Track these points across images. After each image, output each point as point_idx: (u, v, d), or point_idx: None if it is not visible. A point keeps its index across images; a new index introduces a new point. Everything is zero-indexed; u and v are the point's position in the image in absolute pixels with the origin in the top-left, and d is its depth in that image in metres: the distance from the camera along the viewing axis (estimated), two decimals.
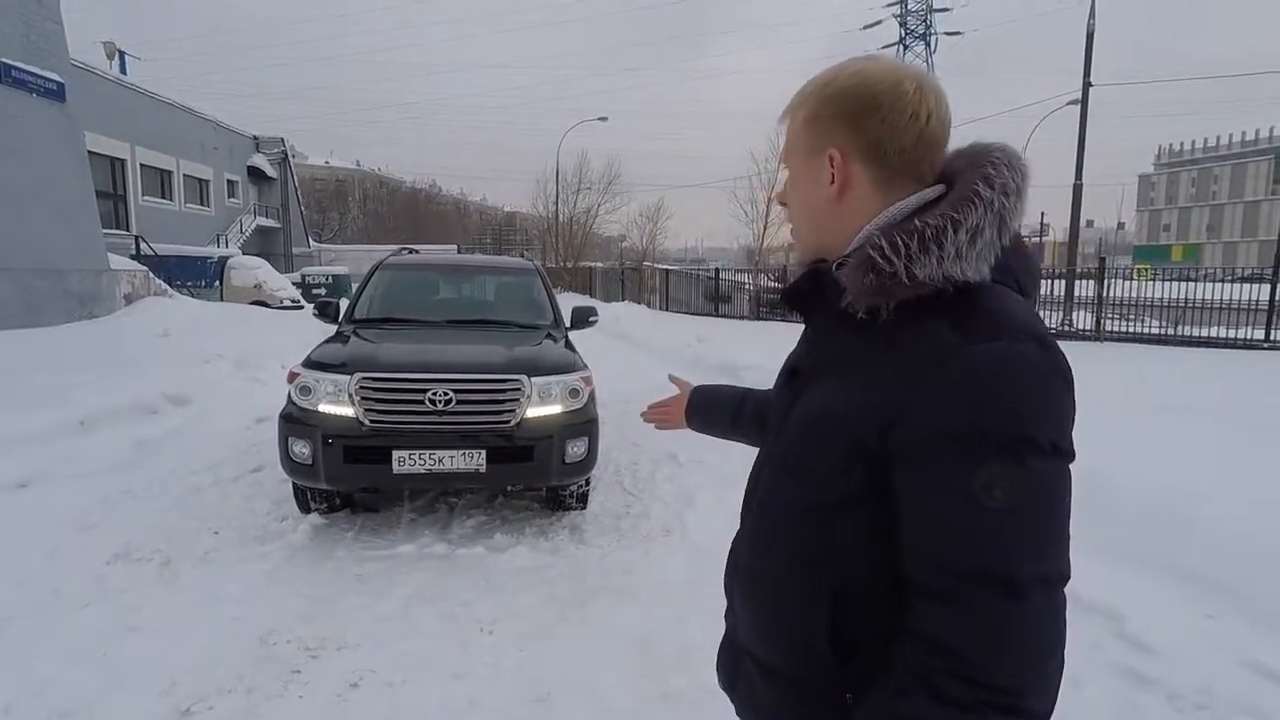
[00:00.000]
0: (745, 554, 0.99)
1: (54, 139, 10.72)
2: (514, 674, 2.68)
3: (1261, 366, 9.23)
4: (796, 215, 0.96)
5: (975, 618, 0.71)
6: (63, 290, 10.61)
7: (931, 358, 0.75)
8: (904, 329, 0.79)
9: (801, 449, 0.88)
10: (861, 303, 0.81)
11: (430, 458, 3.76)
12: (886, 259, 0.78)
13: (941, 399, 0.74)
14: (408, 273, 5.67)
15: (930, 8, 44.52)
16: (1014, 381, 0.73)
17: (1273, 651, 2.64)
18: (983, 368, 0.73)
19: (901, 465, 0.77)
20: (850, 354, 0.85)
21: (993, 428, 0.72)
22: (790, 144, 0.94)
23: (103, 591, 3.23)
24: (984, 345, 0.74)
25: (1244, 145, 68.66)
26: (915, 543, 0.76)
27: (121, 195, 22.54)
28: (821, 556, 0.84)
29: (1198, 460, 4.33)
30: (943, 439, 0.73)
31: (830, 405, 0.85)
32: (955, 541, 0.73)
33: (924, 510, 0.75)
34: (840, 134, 0.86)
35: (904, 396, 0.76)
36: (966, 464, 0.72)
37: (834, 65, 0.91)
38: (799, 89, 0.93)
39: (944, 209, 0.80)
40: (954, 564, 0.73)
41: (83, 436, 5.41)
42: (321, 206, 58.49)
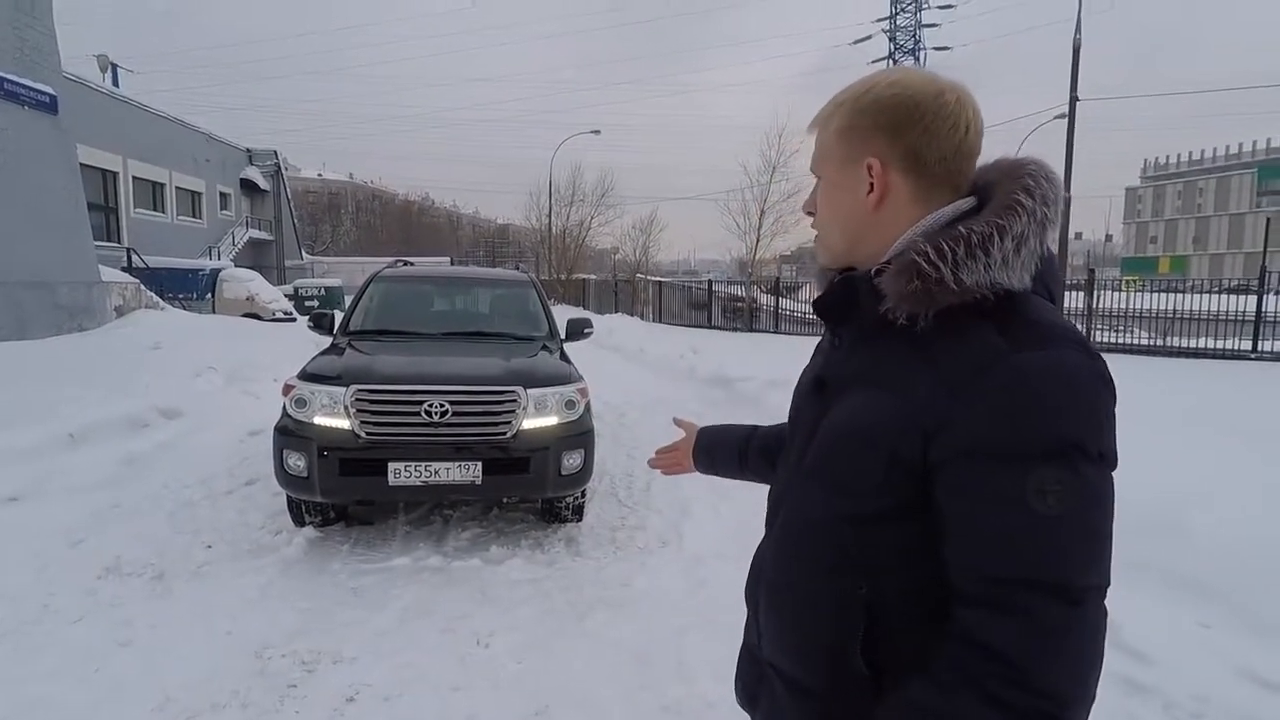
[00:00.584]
0: (772, 566, 0.97)
1: (45, 151, 10.69)
2: (512, 687, 2.66)
3: (1249, 377, 9.32)
4: (828, 224, 0.95)
5: (1030, 625, 0.71)
6: (52, 303, 10.54)
7: (976, 365, 0.75)
8: (944, 336, 0.79)
9: (837, 460, 0.86)
10: (903, 309, 0.80)
11: (426, 470, 3.75)
12: (932, 264, 0.78)
13: (990, 407, 0.73)
14: (403, 285, 5.67)
15: (919, 23, 45.11)
16: (1063, 388, 0.73)
17: (1267, 659, 2.65)
18: (1032, 375, 0.73)
19: (947, 474, 0.76)
20: (886, 363, 0.84)
21: (1044, 434, 0.72)
22: (822, 153, 0.93)
23: (94, 606, 3.20)
24: (1032, 353, 0.74)
25: (1228, 159, 69.62)
26: (964, 551, 0.75)
27: (113, 207, 22.45)
28: (856, 569, 0.83)
29: (1190, 469, 4.36)
30: (992, 447, 0.73)
31: (867, 415, 0.83)
32: (1008, 549, 0.72)
33: (974, 518, 0.74)
34: (879, 143, 0.87)
35: (947, 405, 0.75)
36: (1018, 470, 0.72)
37: (866, 77, 0.91)
38: (830, 99, 0.93)
39: (988, 216, 0.81)
40: (1007, 571, 0.72)
41: (73, 450, 5.37)
42: (314, 219, 58.42)
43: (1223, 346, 11.81)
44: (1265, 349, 11.60)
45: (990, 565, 0.73)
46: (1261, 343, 11.70)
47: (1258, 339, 11.76)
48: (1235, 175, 65.92)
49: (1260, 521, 3.43)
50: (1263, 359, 11.40)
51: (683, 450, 1.45)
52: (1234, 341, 11.89)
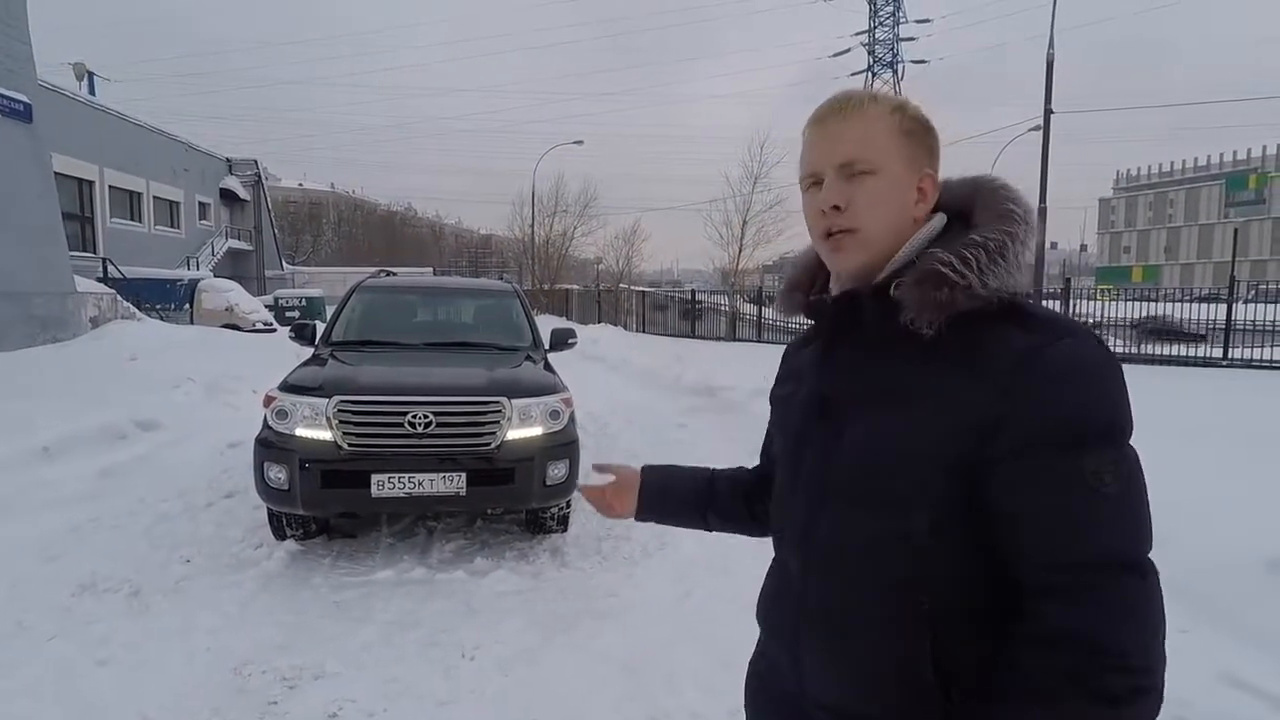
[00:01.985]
0: (819, 601, 0.91)
1: (19, 160, 10.52)
2: (499, 700, 2.64)
3: (1222, 383, 9.52)
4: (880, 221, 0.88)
5: (1111, 604, 0.72)
6: (26, 314, 10.34)
7: (1013, 363, 0.77)
8: (971, 340, 0.80)
9: (882, 479, 0.84)
10: (925, 318, 0.81)
11: (410, 481, 3.71)
12: (958, 272, 0.81)
13: (1036, 399, 0.76)
14: (386, 295, 5.63)
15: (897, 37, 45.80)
16: (1096, 373, 0.78)
17: (1248, 664, 2.70)
18: (1067, 364, 0.77)
19: (1006, 472, 0.77)
20: (909, 375, 0.84)
21: (1091, 418, 0.76)
22: (886, 147, 0.88)
23: (69, 623, 3.12)
24: (1060, 344, 0.78)
25: (1197, 170, 71.32)
26: (1035, 543, 0.76)
27: (89, 217, 22.12)
28: (917, 582, 0.82)
29: (1167, 475, 4.44)
30: (1047, 437, 0.75)
31: (907, 429, 0.82)
32: (1079, 533, 0.74)
33: (1040, 509, 0.76)
34: (929, 160, 0.90)
35: (997, 405, 0.77)
36: (1074, 457, 0.74)
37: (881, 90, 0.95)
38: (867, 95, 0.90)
39: (996, 226, 0.85)
40: (1081, 555, 0.74)
41: (47, 464, 5.26)
42: (295, 229, 57.87)
43: (1195, 354, 12.05)
44: (1236, 356, 11.86)
45: (1064, 552, 0.75)
46: (1232, 350, 11.96)
47: (1228, 346, 12.02)
48: (1204, 186, 67.57)
49: (1238, 526, 3.49)
50: (1234, 365, 11.65)
51: (611, 493, 1.27)
52: (1207, 349, 12.14)
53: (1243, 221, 59.60)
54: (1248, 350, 11.81)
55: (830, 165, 0.88)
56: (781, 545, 1.01)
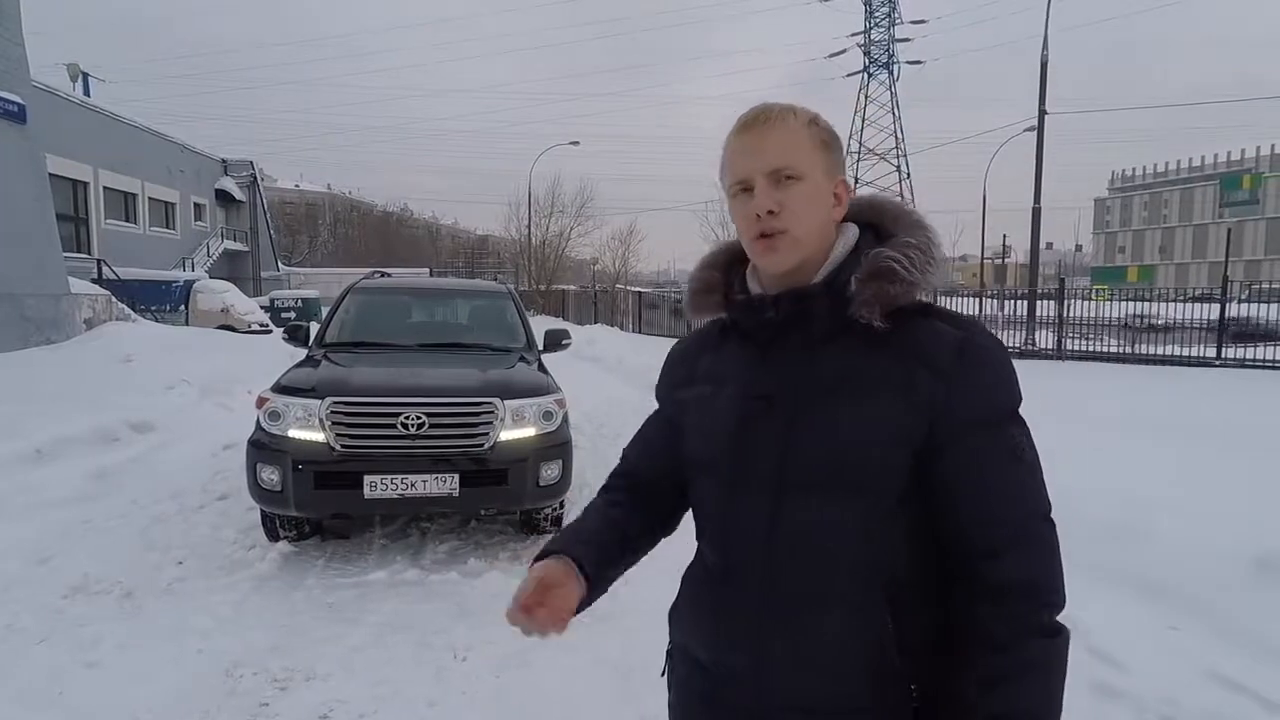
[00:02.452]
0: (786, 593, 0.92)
1: (13, 161, 10.48)
2: (489, 702, 2.64)
3: (1214, 383, 9.55)
4: (809, 223, 0.93)
5: (1044, 548, 0.87)
6: (19, 315, 10.30)
7: (952, 353, 0.87)
8: (908, 335, 0.89)
9: (845, 465, 0.88)
10: (876, 311, 0.89)
11: (402, 482, 3.71)
12: (908, 270, 0.90)
13: (972, 385, 0.87)
14: (379, 296, 5.63)
15: (893, 38, 45.90)
16: (1006, 361, 0.91)
17: (1234, 661, 2.71)
18: (989, 354, 0.90)
19: (952, 450, 0.87)
20: (860, 365, 0.90)
21: (1010, 399, 0.90)
22: (810, 157, 0.94)
23: (60, 626, 3.11)
24: (977, 334, 0.90)
25: (1191, 171, 71.61)
26: (978, 509, 0.87)
27: (84, 218, 22.06)
28: (876, 565, 0.89)
29: (1158, 473, 4.46)
30: (983, 416, 0.88)
31: (866, 416, 0.88)
32: (1018, 494, 0.88)
33: (982, 479, 0.87)
34: (839, 168, 0.98)
35: (943, 391, 0.86)
36: (1003, 432, 0.88)
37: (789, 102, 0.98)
38: (787, 107, 0.96)
39: (916, 235, 0.94)
40: (1022, 511, 0.87)
41: (40, 466, 5.25)
42: (291, 230, 57.80)
43: (1189, 354, 12.10)
44: (1229, 356, 11.91)
45: (1011, 510, 0.87)
46: (1225, 350, 12.02)
47: (1221, 346, 12.07)
48: (1198, 187, 67.80)
49: (1227, 525, 3.51)
50: (1227, 365, 11.70)
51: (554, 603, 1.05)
52: (1200, 349, 12.19)
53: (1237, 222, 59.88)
54: (1242, 350, 11.86)
55: (760, 172, 0.93)
56: (724, 546, 0.98)
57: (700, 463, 1.02)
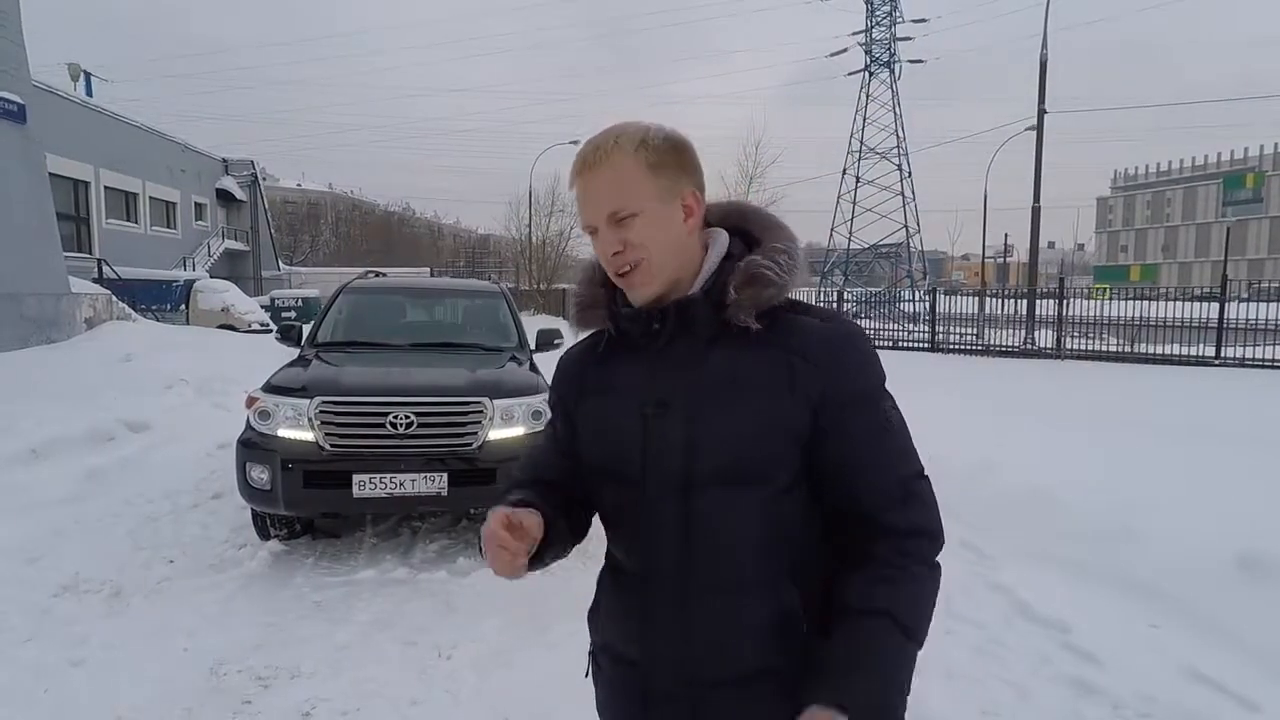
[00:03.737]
0: (704, 583, 0.97)
1: (13, 160, 10.52)
2: (471, 700, 2.65)
3: (1212, 383, 9.54)
4: (661, 251, 0.98)
5: (925, 501, 0.97)
6: (19, 315, 10.33)
7: (821, 342, 0.96)
8: (782, 331, 0.97)
9: (748, 457, 0.95)
10: (751, 314, 0.96)
11: (391, 481, 3.73)
12: (779, 275, 0.97)
13: (842, 369, 0.96)
14: (371, 296, 5.65)
15: (894, 37, 45.77)
16: (866, 342, 1.00)
17: (1212, 659, 2.72)
18: (853, 338, 0.99)
19: (835, 430, 0.95)
20: (745, 363, 0.97)
21: (876, 376, 0.99)
22: (636, 189, 0.97)
23: (47, 625, 3.14)
24: (841, 324, 1.00)
25: (1194, 170, 71.34)
26: (873, 472, 0.96)
27: (84, 218, 22.10)
28: (782, 541, 0.97)
29: (1147, 472, 4.46)
30: (856, 395, 0.97)
31: (757, 409, 0.95)
32: (898, 456, 0.98)
33: (865, 451, 0.96)
34: (687, 178, 1.01)
35: (818, 377, 0.95)
36: (876, 405, 0.98)
37: (625, 126, 1.01)
38: (607, 144, 0.98)
39: (781, 242, 1.01)
40: (905, 470, 0.97)
41: (34, 466, 5.27)
42: (293, 229, 57.87)
43: (1189, 354, 12.07)
44: (1229, 355, 11.89)
45: (896, 470, 0.97)
46: (1224, 349, 11.99)
47: (1220, 345, 12.04)
48: (1201, 185, 67.57)
49: (1211, 524, 3.51)
50: (1226, 365, 11.68)
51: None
52: (1199, 348, 12.16)
53: (1239, 220, 59.66)
54: (1242, 350, 11.83)
55: (599, 219, 0.99)
56: (639, 548, 1.02)
57: (604, 470, 1.05)
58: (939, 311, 15.64)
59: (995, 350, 14.28)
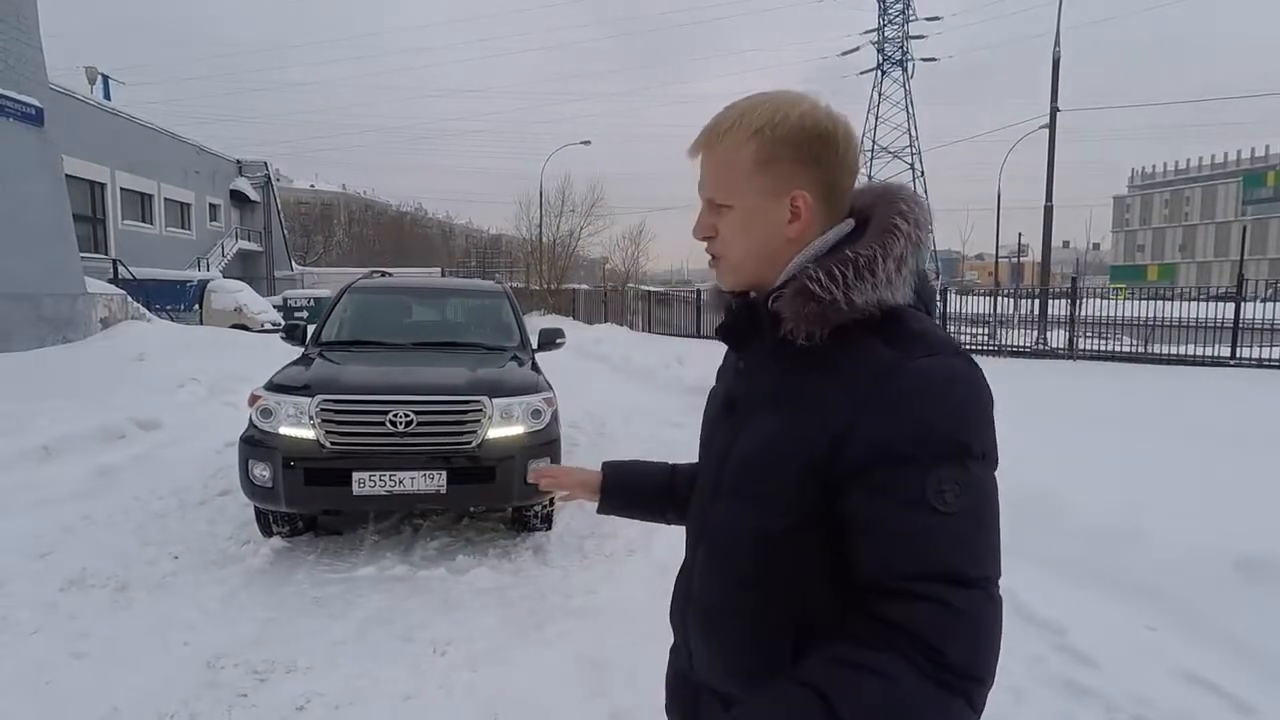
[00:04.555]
0: (701, 589, 0.97)
1: (30, 163, 10.70)
2: (464, 695, 2.67)
3: (1225, 383, 9.41)
4: (741, 250, 0.92)
5: (947, 613, 0.74)
6: (36, 315, 10.51)
7: (872, 376, 0.79)
8: (841, 352, 0.83)
9: (754, 478, 0.88)
10: (801, 330, 0.84)
11: (391, 479, 3.76)
12: (825, 288, 0.83)
13: (888, 414, 0.77)
14: (375, 295, 5.70)
15: (907, 35, 45.51)
16: (951, 393, 0.79)
17: (1208, 662, 2.69)
18: (923, 382, 0.78)
19: (854, 480, 0.79)
20: (792, 382, 0.87)
21: (937, 437, 0.77)
22: (737, 181, 0.90)
23: (53, 618, 3.19)
24: (921, 360, 0.79)
25: (1213, 168, 70.40)
26: (873, 552, 0.78)
27: (101, 219, 22.42)
28: (781, 585, 0.86)
29: (1150, 473, 4.42)
30: (893, 451, 0.77)
31: (777, 431, 0.86)
32: (917, 546, 0.76)
33: (881, 520, 0.78)
34: (804, 176, 0.88)
35: (850, 415, 0.79)
36: (917, 472, 0.76)
37: (762, 101, 0.90)
38: (728, 122, 0.90)
39: (871, 240, 0.85)
40: (917, 567, 0.76)
41: (45, 463, 5.36)
42: (307, 229, 58.30)
43: (1203, 354, 11.91)
44: (1244, 355, 11.72)
45: (902, 562, 0.76)
46: (1240, 350, 11.82)
47: (1235, 346, 11.88)
48: (1220, 184, 66.67)
49: (1211, 525, 3.47)
50: (1241, 365, 11.52)
51: (567, 478, 1.32)
52: (1215, 348, 12.00)
53: (1258, 219, 58.79)
54: (1258, 350, 11.66)
55: (702, 198, 0.93)
56: (687, 535, 1.06)
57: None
58: (950, 311, 15.53)
59: (1007, 350, 14.15)
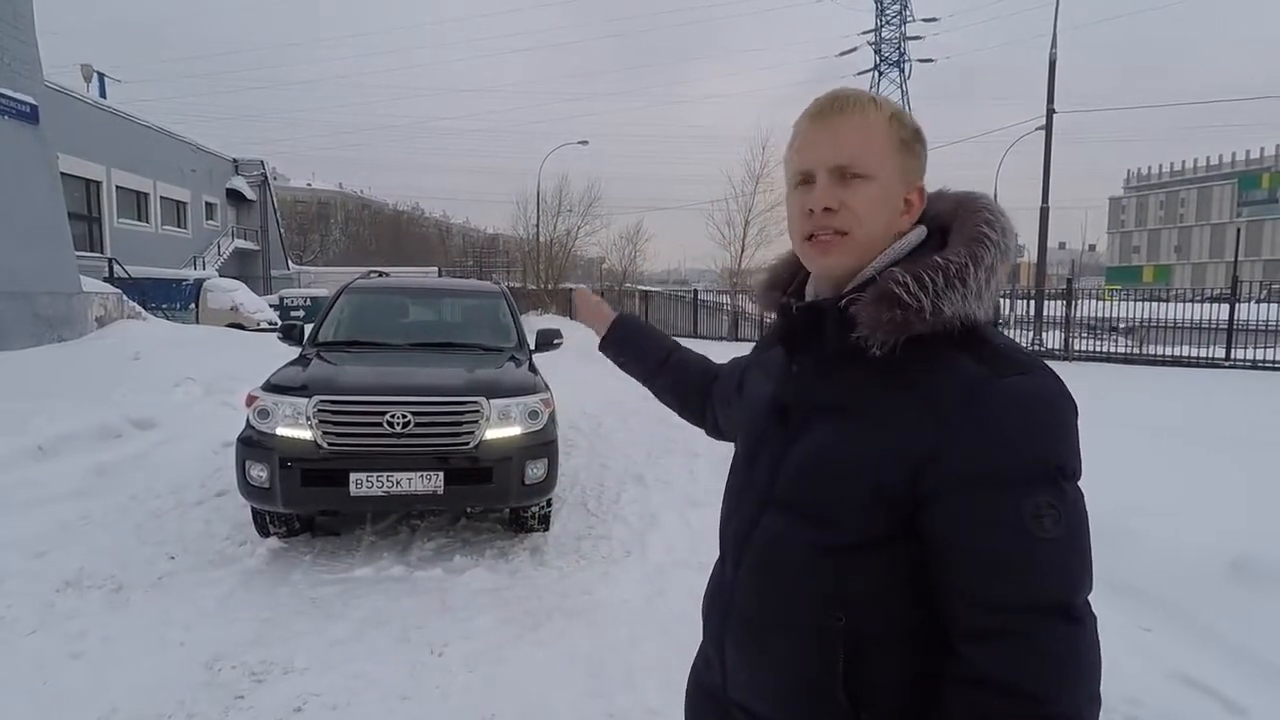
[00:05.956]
0: (746, 602, 0.92)
1: (25, 161, 10.67)
2: (461, 696, 2.68)
3: (1219, 384, 9.46)
4: (873, 227, 0.85)
5: (1043, 651, 0.71)
6: (31, 313, 10.48)
7: (961, 394, 0.75)
8: (922, 365, 0.78)
9: (818, 490, 0.84)
10: (878, 338, 0.79)
11: (388, 480, 3.77)
12: (913, 294, 0.78)
13: (979, 436, 0.73)
14: (373, 296, 5.70)
15: (904, 36, 45.60)
16: (1045, 413, 0.75)
17: (1202, 663, 2.71)
18: (1016, 402, 0.74)
19: (940, 506, 0.75)
20: (863, 392, 0.82)
21: (1034, 460, 0.73)
22: (882, 155, 0.85)
23: (50, 618, 3.19)
24: (1012, 379, 0.75)
25: (1209, 169, 70.66)
26: (966, 581, 0.74)
27: (96, 218, 22.35)
28: (837, 602, 0.81)
29: (1146, 474, 4.45)
30: (986, 475, 0.73)
31: (847, 446, 0.81)
32: (1011, 575, 0.72)
33: (972, 548, 0.74)
34: (919, 171, 0.88)
35: (936, 436, 0.75)
36: (1013, 496, 0.72)
37: (872, 93, 0.89)
38: (857, 97, 0.86)
39: (960, 247, 0.81)
40: (1012, 598, 0.72)
41: (41, 462, 5.34)
42: (303, 228, 58.22)
43: (1198, 355, 11.98)
44: (1238, 356, 11.78)
45: (995, 593, 0.73)
46: (1234, 350, 11.88)
47: (1230, 347, 11.94)
48: (1216, 185, 66.91)
49: (1207, 526, 3.50)
50: (1236, 366, 11.58)
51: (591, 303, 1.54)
52: (1209, 349, 12.06)
53: (1253, 221, 59.02)
54: (1253, 351, 11.72)
55: (825, 165, 0.85)
56: (724, 542, 1.00)
57: (735, 455, 1.05)
58: None
59: None
